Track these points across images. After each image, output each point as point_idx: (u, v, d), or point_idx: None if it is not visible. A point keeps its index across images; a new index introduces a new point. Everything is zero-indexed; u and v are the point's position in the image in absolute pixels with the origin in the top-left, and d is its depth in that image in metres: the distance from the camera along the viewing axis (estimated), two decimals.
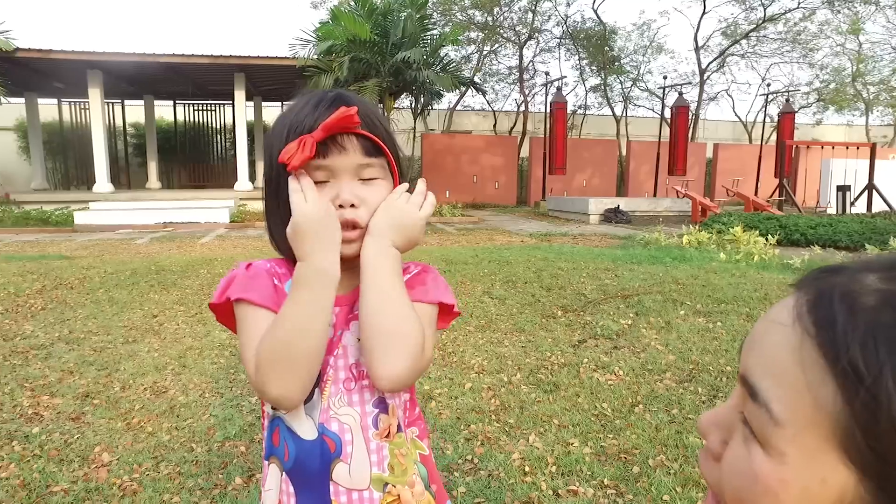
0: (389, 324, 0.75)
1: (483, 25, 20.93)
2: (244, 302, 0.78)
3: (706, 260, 6.55)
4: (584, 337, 3.81)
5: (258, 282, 0.80)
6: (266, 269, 0.83)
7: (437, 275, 0.90)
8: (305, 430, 0.80)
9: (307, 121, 0.79)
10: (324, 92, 0.84)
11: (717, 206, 12.98)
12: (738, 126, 24.76)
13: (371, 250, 0.79)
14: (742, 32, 21.66)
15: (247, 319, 0.78)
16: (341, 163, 0.79)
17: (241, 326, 0.79)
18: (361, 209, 0.80)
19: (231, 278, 0.82)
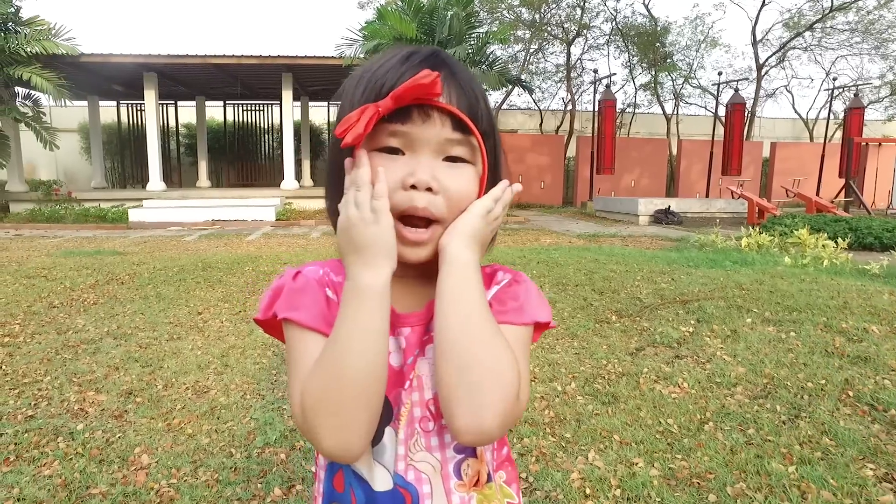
0: (476, 361, 0.57)
1: (530, 23, 20.58)
2: (291, 323, 0.64)
3: (770, 264, 6.14)
4: (642, 344, 3.56)
5: (307, 296, 0.65)
6: (317, 279, 0.67)
7: (531, 283, 0.71)
8: (377, 479, 0.65)
9: (388, 78, 0.62)
10: (419, 47, 0.68)
11: (775, 208, 12.31)
12: (797, 123, 23.59)
13: (461, 257, 0.61)
14: (806, 24, 20.53)
15: (294, 345, 0.63)
16: (423, 133, 0.62)
17: (288, 353, 0.64)
18: (438, 197, 0.62)
19: (277, 289, 0.67)
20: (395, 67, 0.63)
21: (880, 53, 21.02)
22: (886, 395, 2.61)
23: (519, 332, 0.65)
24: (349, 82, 0.68)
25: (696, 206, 13.95)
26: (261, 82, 16.68)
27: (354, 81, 0.67)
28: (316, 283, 0.66)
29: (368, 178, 0.59)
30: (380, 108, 0.58)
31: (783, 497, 1.95)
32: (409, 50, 0.66)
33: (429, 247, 0.63)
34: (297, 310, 0.63)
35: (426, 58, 0.64)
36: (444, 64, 0.64)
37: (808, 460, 2.12)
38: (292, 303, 0.64)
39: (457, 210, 0.63)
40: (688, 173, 19.48)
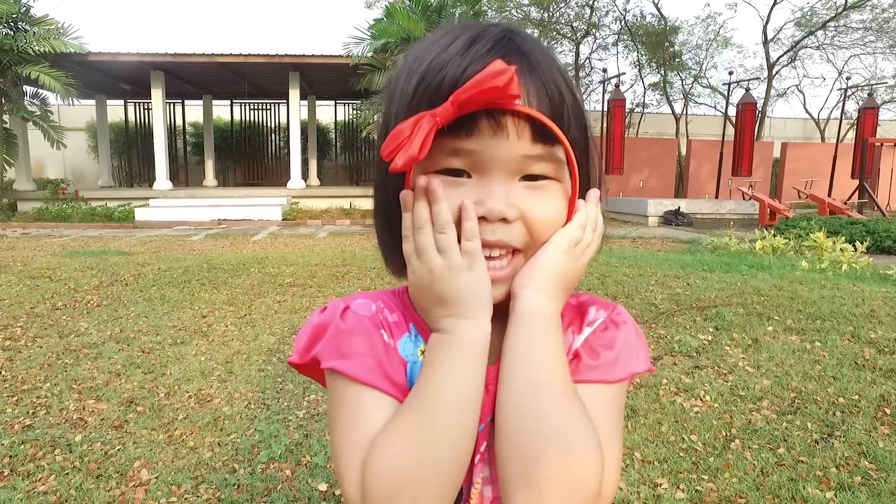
0: (541, 449, 0.45)
1: (539, 22, 20.43)
2: (341, 374, 0.52)
3: (787, 268, 5.99)
4: (660, 353, 3.43)
5: (360, 341, 0.52)
6: (371, 318, 0.54)
7: (630, 322, 0.57)
8: None
9: (449, 71, 0.48)
10: (485, 25, 0.52)
11: (788, 209, 12.12)
12: (808, 123, 23.32)
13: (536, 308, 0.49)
14: (819, 22, 20.27)
15: (344, 403, 0.51)
16: (494, 149, 0.48)
17: (336, 411, 0.52)
18: (515, 227, 0.49)
19: (320, 327, 0.54)
20: (457, 57, 0.48)
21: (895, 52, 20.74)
22: None
23: (611, 391, 0.53)
24: (399, 73, 0.55)
25: (706, 207, 13.78)
26: (268, 81, 16.62)
27: (405, 73, 0.53)
28: (370, 323, 0.54)
29: (450, 217, 0.48)
30: (438, 117, 0.45)
31: None
32: (475, 30, 0.51)
33: (504, 286, 0.51)
34: (348, 358, 0.51)
35: (496, 43, 0.49)
36: (518, 51, 0.50)
37: (848, 486, 1.99)
38: (341, 348, 0.52)
39: (542, 239, 0.51)
40: (697, 174, 19.28)
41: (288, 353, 3.54)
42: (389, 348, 0.53)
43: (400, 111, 0.51)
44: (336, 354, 0.52)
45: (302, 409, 2.74)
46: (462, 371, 0.47)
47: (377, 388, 0.50)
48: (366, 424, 0.49)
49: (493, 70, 0.44)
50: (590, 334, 0.56)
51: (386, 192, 0.54)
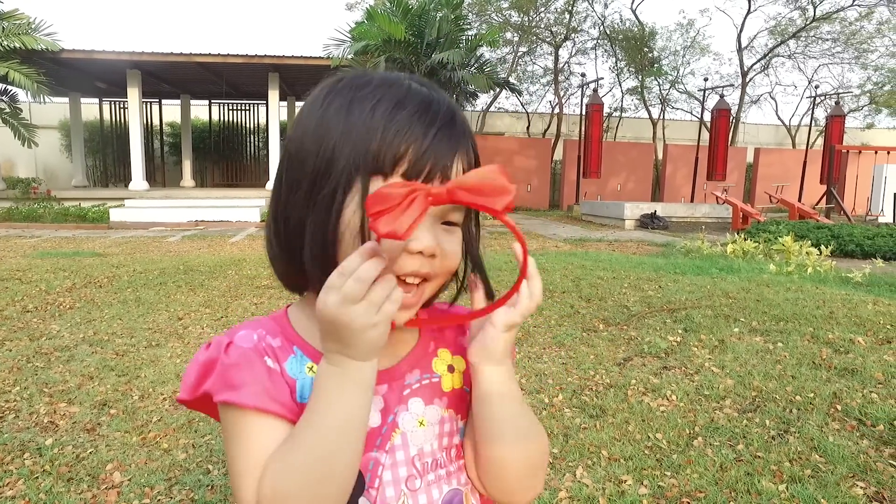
0: (537, 455, 0.63)
1: (519, 26, 20.62)
2: (232, 405, 0.55)
3: (756, 272, 6.16)
4: (630, 354, 3.52)
5: (246, 372, 0.56)
6: (253, 348, 0.58)
7: None
8: None
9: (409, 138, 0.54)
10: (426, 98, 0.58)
11: (760, 214, 12.42)
12: (780, 130, 23.89)
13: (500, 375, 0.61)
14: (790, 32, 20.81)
15: (237, 431, 0.55)
16: None
17: (231, 440, 0.56)
18: (435, 261, 0.56)
19: (207, 364, 0.57)
20: (415, 125, 0.55)
21: (860, 63, 21.41)
22: (874, 409, 2.60)
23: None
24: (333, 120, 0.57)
25: (681, 210, 14.04)
26: (247, 81, 16.51)
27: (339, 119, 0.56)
28: (253, 353, 0.57)
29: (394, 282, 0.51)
30: (434, 194, 0.48)
31: None
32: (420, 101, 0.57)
33: (415, 310, 0.58)
34: (237, 389, 0.55)
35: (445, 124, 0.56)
36: (463, 127, 0.59)
37: (799, 478, 2.09)
38: (229, 381, 0.55)
39: (446, 272, 0.59)
40: (673, 178, 19.62)
41: None
42: (273, 373, 0.57)
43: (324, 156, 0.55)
44: (225, 387, 0.55)
45: None
46: (350, 402, 0.52)
47: (266, 410, 0.55)
48: (258, 449, 0.54)
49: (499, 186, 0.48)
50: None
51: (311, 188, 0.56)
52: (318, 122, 0.57)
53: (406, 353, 0.64)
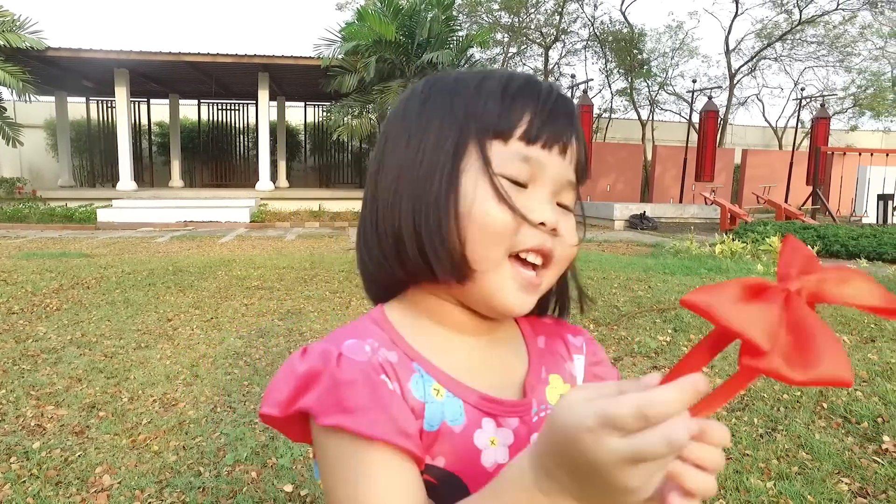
0: None
1: (509, 27, 20.68)
2: (346, 434, 0.45)
3: (744, 272, 6.23)
4: (621, 354, 3.55)
5: (368, 395, 0.46)
6: (368, 362, 0.48)
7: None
8: None
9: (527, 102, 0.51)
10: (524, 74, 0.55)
11: (747, 214, 12.55)
12: (767, 131, 24.14)
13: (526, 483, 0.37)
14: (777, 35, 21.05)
15: (352, 466, 0.45)
16: (558, 167, 0.51)
17: (340, 475, 0.45)
18: (557, 241, 0.51)
19: (308, 377, 0.47)
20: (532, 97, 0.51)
21: (844, 66, 21.72)
22: (859, 407, 2.64)
23: None
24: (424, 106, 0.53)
25: (670, 211, 14.15)
26: (236, 81, 16.42)
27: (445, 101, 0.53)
28: (370, 368, 0.48)
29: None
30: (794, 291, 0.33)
31: None
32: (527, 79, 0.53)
33: (539, 295, 0.52)
34: (353, 413, 0.45)
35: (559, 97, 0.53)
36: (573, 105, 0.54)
37: (786, 475, 2.12)
38: (343, 402, 0.45)
39: (565, 258, 0.53)
40: (662, 179, 19.76)
41: (256, 356, 3.54)
42: (396, 397, 0.47)
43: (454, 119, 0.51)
44: (338, 409, 0.45)
45: None
46: None
47: (389, 442, 0.45)
48: (379, 491, 0.44)
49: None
50: (587, 362, 0.60)
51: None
52: (419, 113, 0.53)
53: (521, 381, 0.55)
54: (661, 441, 0.31)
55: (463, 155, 0.50)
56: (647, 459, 0.32)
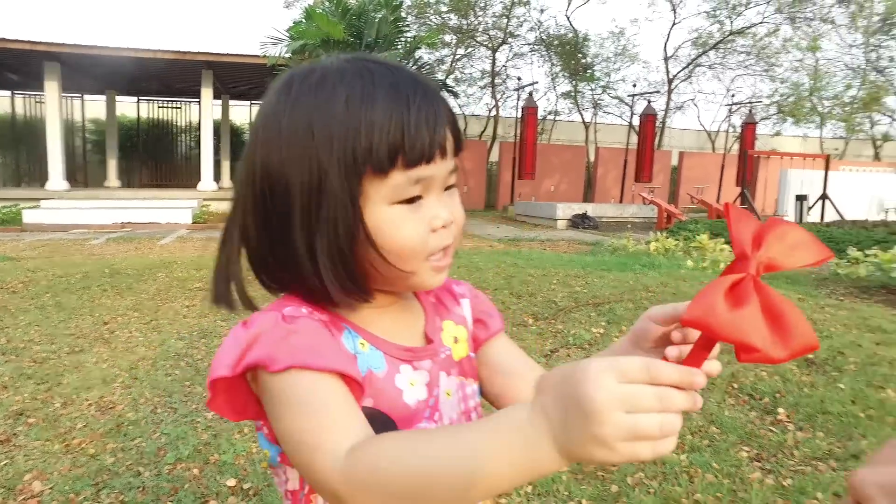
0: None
1: (457, 29, 20.89)
2: (302, 371, 0.50)
3: (675, 267, 6.58)
4: (557, 346, 3.73)
5: (316, 338, 0.53)
6: (310, 316, 0.56)
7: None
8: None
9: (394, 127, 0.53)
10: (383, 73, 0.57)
11: (682, 214, 13.18)
12: (702, 135, 25.31)
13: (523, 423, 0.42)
14: (710, 44, 22.17)
15: (310, 398, 0.50)
16: (439, 171, 0.57)
17: (298, 408, 0.50)
18: (453, 227, 0.59)
19: (254, 338, 0.53)
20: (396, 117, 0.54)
21: (769, 75, 23.14)
22: (763, 385, 2.91)
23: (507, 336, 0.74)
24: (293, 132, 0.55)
25: (610, 211, 14.68)
26: (178, 78, 15.90)
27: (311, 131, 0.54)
28: (313, 320, 0.56)
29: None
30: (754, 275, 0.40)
31: (674, 482, 2.14)
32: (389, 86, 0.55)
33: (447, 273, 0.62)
34: (308, 352, 0.51)
35: (421, 98, 0.56)
36: (434, 91, 0.58)
37: (698, 448, 2.33)
38: (296, 347, 0.51)
39: (460, 233, 0.61)
40: (604, 179, 20.43)
41: (198, 356, 3.52)
42: (336, 340, 0.56)
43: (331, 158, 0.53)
44: (288, 353, 0.51)
45: (210, 412, 2.76)
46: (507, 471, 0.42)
47: (340, 371, 0.51)
48: (340, 416, 0.50)
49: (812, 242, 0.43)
50: (472, 304, 0.71)
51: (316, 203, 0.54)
52: (289, 141, 0.55)
53: (422, 330, 0.65)
54: (653, 395, 0.37)
55: (360, 196, 0.54)
56: (634, 407, 0.37)
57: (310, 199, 0.54)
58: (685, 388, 0.39)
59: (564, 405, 0.39)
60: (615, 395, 0.37)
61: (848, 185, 15.48)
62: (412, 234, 0.56)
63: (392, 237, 0.55)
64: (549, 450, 0.40)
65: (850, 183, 15.81)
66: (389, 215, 0.55)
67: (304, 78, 0.58)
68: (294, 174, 0.55)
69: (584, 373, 0.39)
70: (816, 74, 22.77)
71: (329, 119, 0.54)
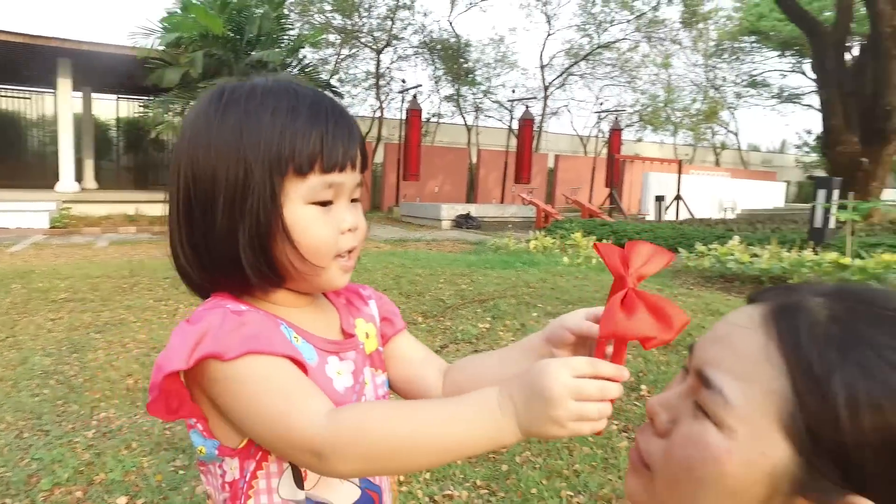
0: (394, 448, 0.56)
1: (342, 29, 20.66)
2: (258, 356, 0.58)
3: (553, 264, 7.12)
4: (446, 342, 3.94)
5: (264, 329, 0.61)
6: (254, 310, 0.64)
7: None
8: (343, 496, 0.68)
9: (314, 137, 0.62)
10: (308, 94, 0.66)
11: (558, 213, 14.13)
12: (575, 139, 27.17)
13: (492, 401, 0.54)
14: (581, 55, 23.92)
15: (269, 378, 0.58)
16: (350, 180, 0.66)
17: (261, 388, 0.58)
18: (358, 233, 0.69)
19: (204, 333, 0.58)
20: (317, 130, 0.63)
21: (632, 86, 25.55)
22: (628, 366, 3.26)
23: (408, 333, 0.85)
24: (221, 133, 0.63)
25: (492, 211, 15.36)
26: (29, 66, 14.18)
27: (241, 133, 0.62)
28: (257, 313, 0.63)
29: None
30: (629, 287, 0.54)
31: (557, 457, 2.42)
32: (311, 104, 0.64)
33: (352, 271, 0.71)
34: (260, 340, 0.59)
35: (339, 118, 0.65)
36: (350, 117, 0.68)
37: None
38: (248, 337, 0.58)
39: (362, 240, 0.70)
40: (486, 181, 21.26)
41: (71, 373, 3.29)
42: (279, 331, 0.63)
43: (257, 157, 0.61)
44: (241, 342, 0.58)
45: (91, 429, 2.63)
46: (474, 440, 0.54)
47: (290, 357, 0.60)
48: (302, 387, 0.59)
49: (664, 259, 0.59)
50: (378, 304, 0.81)
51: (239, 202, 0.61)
52: (218, 140, 0.63)
53: (339, 326, 0.73)
54: (595, 387, 0.51)
55: (281, 193, 0.62)
56: (582, 396, 0.51)
57: (234, 192, 0.61)
58: (617, 381, 0.54)
59: (527, 393, 0.52)
60: (569, 386, 0.51)
61: (697, 188, 17.54)
62: (323, 233, 0.64)
63: (305, 233, 0.63)
64: (512, 426, 0.53)
65: (698, 185, 17.93)
66: (304, 213, 0.63)
67: (235, 89, 0.66)
68: (221, 170, 0.62)
69: (545, 368, 0.52)
70: (669, 88, 25.49)
71: (258, 125, 0.62)
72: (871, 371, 0.39)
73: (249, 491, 0.64)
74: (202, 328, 0.59)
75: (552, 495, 2.16)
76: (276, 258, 0.63)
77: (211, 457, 0.66)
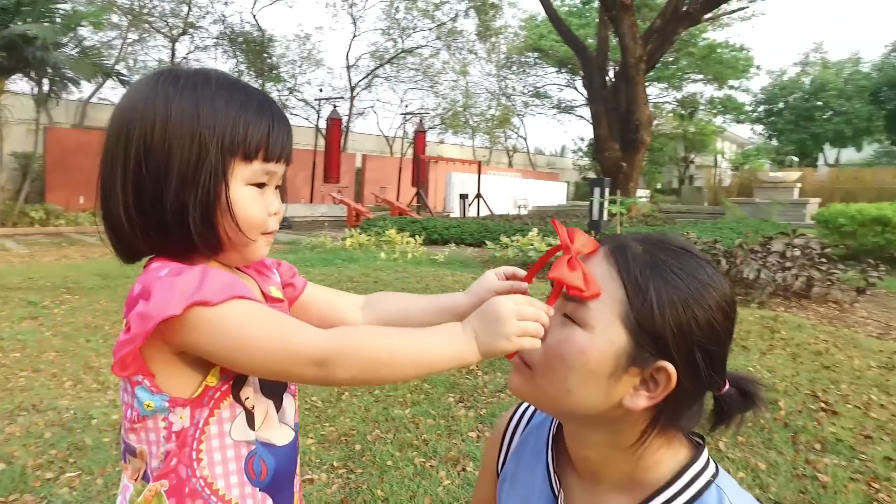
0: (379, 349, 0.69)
1: (128, 10, 18.28)
2: (242, 299, 0.67)
3: (371, 259, 7.33)
4: None
5: (236, 280, 0.70)
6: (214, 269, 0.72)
7: None
8: (281, 437, 0.77)
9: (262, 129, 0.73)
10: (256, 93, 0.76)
11: (369, 212, 14.42)
12: (381, 140, 27.82)
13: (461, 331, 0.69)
14: (385, 58, 24.52)
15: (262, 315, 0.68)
16: (280, 170, 0.76)
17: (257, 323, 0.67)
18: (279, 216, 0.79)
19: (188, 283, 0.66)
20: (264, 123, 0.73)
21: (434, 91, 26.98)
22: None
23: None
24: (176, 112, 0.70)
25: (302, 211, 15.10)
26: None
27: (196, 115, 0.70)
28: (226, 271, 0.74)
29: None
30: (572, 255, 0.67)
31: (405, 431, 2.62)
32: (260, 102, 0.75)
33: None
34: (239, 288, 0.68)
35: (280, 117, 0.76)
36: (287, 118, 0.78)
37: (417, 402, 2.86)
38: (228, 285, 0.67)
39: (278, 223, 0.80)
40: (294, 180, 20.69)
41: None
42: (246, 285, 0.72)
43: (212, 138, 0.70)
44: (227, 290, 0.67)
45: None
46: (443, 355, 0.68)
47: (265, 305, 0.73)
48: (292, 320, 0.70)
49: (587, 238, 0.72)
50: (280, 272, 0.90)
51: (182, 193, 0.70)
52: (175, 118, 0.70)
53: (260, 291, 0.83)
54: (532, 311, 0.66)
55: (228, 171, 0.71)
56: (523, 316, 0.66)
57: (187, 167, 0.69)
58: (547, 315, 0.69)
59: (483, 318, 0.69)
60: (513, 309, 0.67)
61: (494, 187, 19.29)
62: (258, 210, 0.74)
63: (243, 209, 0.72)
64: (473, 346, 0.68)
65: (495, 185, 19.73)
66: (245, 193, 0.73)
67: (191, 75, 0.73)
68: (177, 145, 0.69)
69: (496, 299, 0.69)
70: (467, 94, 27.54)
71: (214, 110, 0.71)
72: (669, 282, 0.62)
73: (201, 436, 0.70)
74: (187, 279, 0.66)
75: (406, 464, 2.35)
76: (216, 228, 0.72)
77: (159, 409, 0.70)
